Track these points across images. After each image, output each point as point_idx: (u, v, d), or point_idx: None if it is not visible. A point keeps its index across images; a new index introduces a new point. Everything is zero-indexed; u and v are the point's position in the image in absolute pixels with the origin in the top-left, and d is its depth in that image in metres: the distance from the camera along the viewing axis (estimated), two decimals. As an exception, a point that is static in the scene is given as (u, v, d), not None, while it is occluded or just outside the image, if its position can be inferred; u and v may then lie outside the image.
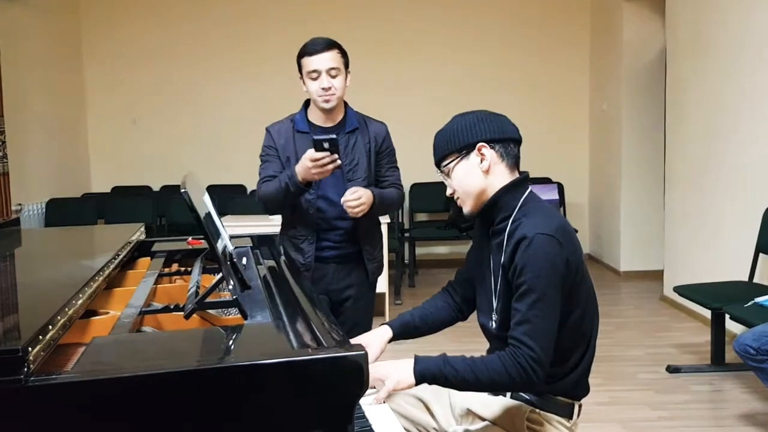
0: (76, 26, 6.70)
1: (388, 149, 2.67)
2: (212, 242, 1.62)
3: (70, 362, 1.37)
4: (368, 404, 1.73)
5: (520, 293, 1.69)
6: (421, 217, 6.92)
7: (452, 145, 1.81)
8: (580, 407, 1.86)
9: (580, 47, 6.92)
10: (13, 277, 1.93)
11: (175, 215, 6.22)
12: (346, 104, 2.64)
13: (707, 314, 4.17)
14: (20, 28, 5.53)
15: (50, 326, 1.28)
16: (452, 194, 1.86)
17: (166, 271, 2.18)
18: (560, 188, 6.61)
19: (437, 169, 1.87)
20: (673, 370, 3.93)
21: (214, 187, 6.37)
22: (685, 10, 4.97)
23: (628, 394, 3.64)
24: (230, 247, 1.83)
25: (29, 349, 1.16)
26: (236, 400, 1.20)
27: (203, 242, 2.35)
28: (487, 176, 1.80)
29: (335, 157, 2.36)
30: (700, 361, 4.07)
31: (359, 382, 1.27)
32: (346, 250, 2.61)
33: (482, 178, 1.80)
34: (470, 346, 2.19)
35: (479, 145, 1.79)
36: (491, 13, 6.82)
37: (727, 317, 3.79)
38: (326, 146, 2.32)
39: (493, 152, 1.79)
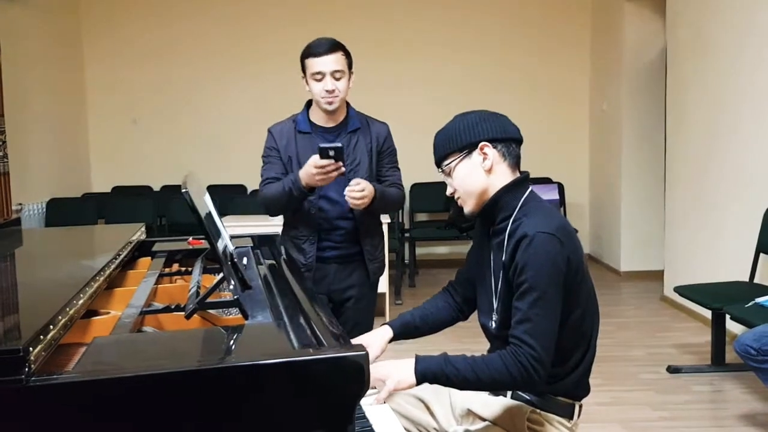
0: (76, 26, 6.71)
1: (389, 149, 2.68)
2: (213, 242, 1.62)
3: (71, 362, 1.38)
4: (369, 404, 1.73)
5: (521, 292, 1.69)
6: (421, 217, 6.92)
7: (454, 144, 1.81)
8: (580, 407, 1.86)
9: (580, 47, 6.92)
10: (14, 276, 1.94)
11: (175, 215, 6.22)
12: (348, 104, 2.65)
13: (708, 314, 4.17)
14: (20, 27, 5.53)
15: (51, 326, 1.28)
16: (452, 194, 1.86)
17: (166, 271, 2.18)
18: (560, 188, 6.61)
19: (438, 168, 1.87)
20: (673, 370, 3.93)
21: (214, 187, 6.37)
22: (685, 10, 4.97)
23: (628, 394, 3.64)
24: (231, 247, 1.83)
25: (30, 349, 1.16)
26: (237, 400, 1.20)
27: (204, 242, 2.35)
28: (488, 175, 1.80)
29: (339, 164, 2.38)
30: (700, 361, 4.07)
31: (360, 382, 1.27)
32: (347, 250, 2.62)
33: (484, 177, 1.80)
34: (471, 346, 2.19)
35: (482, 144, 1.79)
36: (491, 13, 6.82)
37: (727, 317, 3.78)
38: (331, 154, 2.34)
39: (495, 152, 1.80)
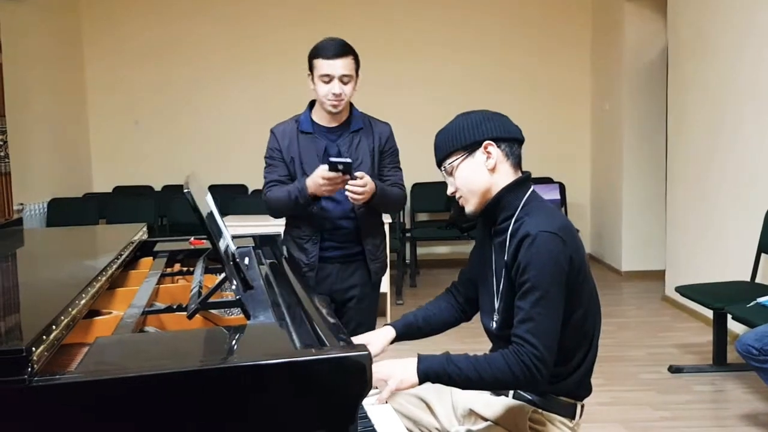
0: (76, 25, 6.71)
1: (391, 149, 2.68)
2: (215, 242, 1.62)
3: (73, 362, 1.38)
4: (371, 404, 1.73)
5: (523, 291, 1.68)
6: (422, 217, 6.92)
7: (457, 142, 1.80)
8: (582, 407, 1.86)
9: (581, 47, 6.92)
10: (15, 277, 1.93)
11: (176, 215, 6.22)
12: (351, 104, 2.65)
13: (709, 314, 4.17)
14: (21, 26, 5.53)
15: (54, 326, 1.28)
16: (453, 193, 1.86)
17: (168, 271, 2.18)
18: (561, 188, 6.61)
19: (439, 167, 1.87)
20: (675, 370, 3.93)
21: (215, 186, 6.38)
22: (686, 9, 4.97)
23: (630, 394, 3.64)
24: (233, 247, 1.83)
25: (33, 349, 1.16)
26: (239, 400, 1.20)
27: (205, 242, 2.35)
28: (492, 175, 1.79)
29: (347, 177, 2.40)
30: (702, 361, 4.07)
31: (362, 382, 1.27)
32: (349, 250, 2.62)
33: (487, 176, 1.80)
34: (472, 345, 2.18)
35: (486, 143, 1.78)
36: (491, 13, 6.82)
37: (729, 317, 3.79)
38: (340, 168, 2.37)
39: (499, 151, 1.79)
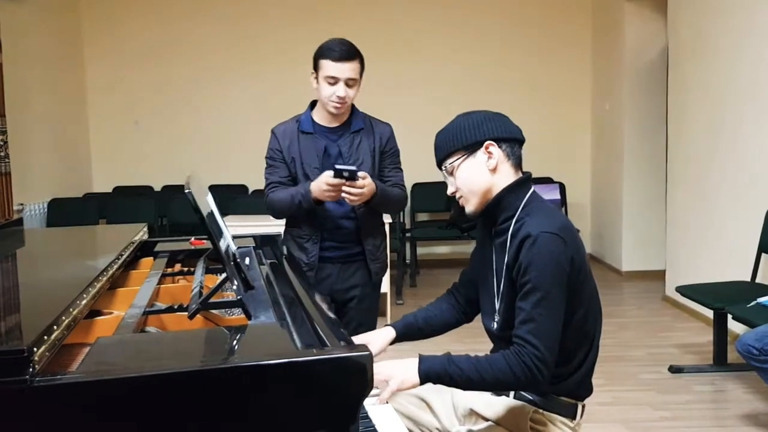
0: (76, 25, 6.71)
1: (392, 150, 2.68)
2: (216, 242, 1.62)
3: (74, 362, 1.38)
4: (371, 404, 1.73)
5: (524, 292, 1.68)
6: (422, 217, 6.92)
7: (458, 142, 1.80)
8: (583, 407, 1.86)
9: (581, 47, 6.92)
10: (16, 277, 1.93)
11: (176, 215, 6.22)
12: (352, 104, 2.65)
13: (709, 314, 4.17)
14: (21, 26, 5.53)
15: (55, 326, 1.28)
16: (454, 193, 1.85)
17: (169, 271, 2.18)
18: (562, 188, 6.61)
19: (439, 167, 1.87)
20: (675, 370, 3.93)
21: (215, 186, 6.37)
22: (686, 9, 4.97)
23: (630, 394, 3.64)
24: (233, 247, 1.83)
25: (34, 349, 1.16)
26: (240, 400, 1.20)
27: (206, 242, 2.35)
28: (493, 175, 1.79)
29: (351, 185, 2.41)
30: (702, 361, 4.07)
31: (363, 382, 1.27)
32: (349, 250, 2.62)
33: (488, 176, 1.79)
34: (473, 346, 2.18)
35: (487, 143, 1.78)
36: (491, 13, 6.82)
37: (729, 317, 3.79)
38: (345, 175, 2.39)
39: (500, 151, 1.79)
